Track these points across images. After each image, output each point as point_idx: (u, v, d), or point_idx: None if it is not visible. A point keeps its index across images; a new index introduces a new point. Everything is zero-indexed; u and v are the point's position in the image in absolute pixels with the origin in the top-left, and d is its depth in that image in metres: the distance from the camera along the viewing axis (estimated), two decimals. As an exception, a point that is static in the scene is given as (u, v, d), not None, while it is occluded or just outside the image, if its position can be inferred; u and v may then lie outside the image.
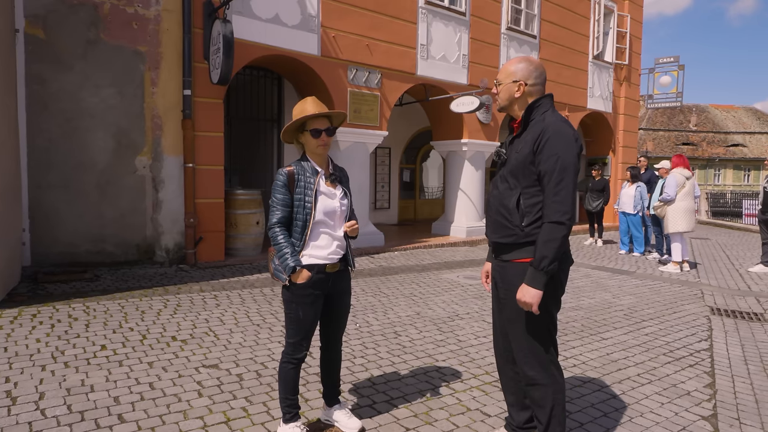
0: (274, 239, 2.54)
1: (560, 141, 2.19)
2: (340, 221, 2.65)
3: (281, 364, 2.64)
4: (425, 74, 10.10)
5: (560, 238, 2.15)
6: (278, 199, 2.55)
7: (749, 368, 3.94)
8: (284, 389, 2.63)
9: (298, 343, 2.60)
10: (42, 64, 6.35)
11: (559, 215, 2.15)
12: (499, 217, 2.37)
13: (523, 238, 2.28)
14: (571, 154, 2.19)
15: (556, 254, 2.16)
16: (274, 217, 2.54)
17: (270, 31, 7.93)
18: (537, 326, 2.33)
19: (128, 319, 4.61)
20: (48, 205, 6.45)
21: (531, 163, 2.25)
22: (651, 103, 19.22)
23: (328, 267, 2.60)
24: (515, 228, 2.30)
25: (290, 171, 2.56)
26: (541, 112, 2.31)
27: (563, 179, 2.16)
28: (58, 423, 2.75)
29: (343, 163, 9.10)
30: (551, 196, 2.18)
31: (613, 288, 6.77)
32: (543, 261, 2.16)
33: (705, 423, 3.04)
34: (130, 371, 3.48)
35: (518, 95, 2.37)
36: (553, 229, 2.16)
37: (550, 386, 2.33)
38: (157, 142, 7.09)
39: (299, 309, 2.56)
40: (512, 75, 2.37)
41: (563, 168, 2.17)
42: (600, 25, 14.06)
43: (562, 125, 2.25)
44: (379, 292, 6.08)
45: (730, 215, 20.62)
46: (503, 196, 2.36)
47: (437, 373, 3.68)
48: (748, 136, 47.52)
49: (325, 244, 2.60)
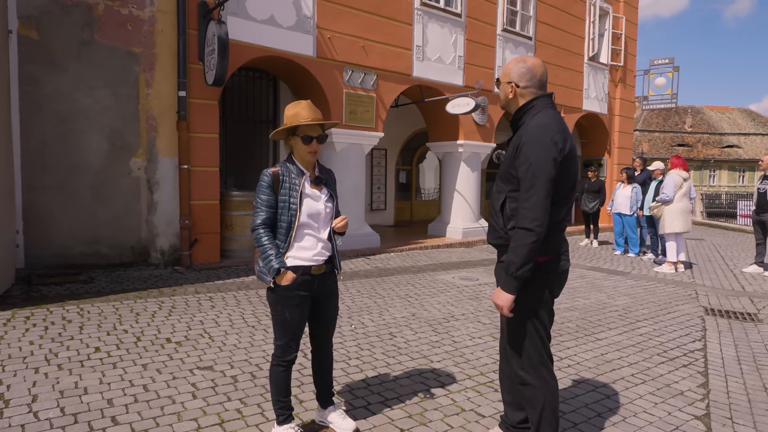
0: (258, 241, 2.52)
1: (533, 147, 2.17)
2: (325, 223, 2.64)
3: (271, 367, 2.63)
4: (421, 75, 10.11)
5: (529, 244, 2.14)
6: (262, 200, 2.54)
7: (742, 368, 3.96)
8: (276, 391, 2.63)
9: (286, 345, 2.59)
10: (36, 65, 6.33)
11: (527, 221, 2.15)
12: (491, 220, 2.44)
13: (508, 241, 2.29)
14: (543, 160, 2.14)
15: (524, 260, 2.15)
16: (258, 219, 2.53)
17: (265, 32, 7.92)
18: (527, 329, 2.35)
19: (122, 321, 4.60)
20: (42, 207, 6.43)
21: (511, 167, 2.27)
22: (646, 105, 19.30)
23: (313, 269, 2.58)
24: (501, 231, 2.34)
25: (275, 172, 2.56)
26: (531, 115, 2.30)
27: (534, 186, 2.15)
28: (51, 426, 2.74)
29: (339, 164, 9.11)
30: (522, 203, 2.19)
31: (607, 289, 6.79)
32: (511, 266, 2.18)
33: (698, 423, 3.05)
34: (124, 373, 3.47)
35: (511, 96, 2.38)
36: (523, 236, 2.16)
37: (540, 388, 2.35)
38: (152, 143, 7.08)
39: (285, 311, 2.55)
40: (507, 75, 2.39)
41: (533, 175, 2.15)
42: (595, 26, 14.11)
43: (540, 130, 2.20)
44: (374, 294, 6.08)
45: (725, 216, 20.71)
46: (494, 199, 2.41)
47: (432, 374, 3.68)
48: (742, 138, 47.74)
49: (310, 246, 2.59)
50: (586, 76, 14.13)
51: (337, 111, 8.91)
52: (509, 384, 2.59)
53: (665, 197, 7.90)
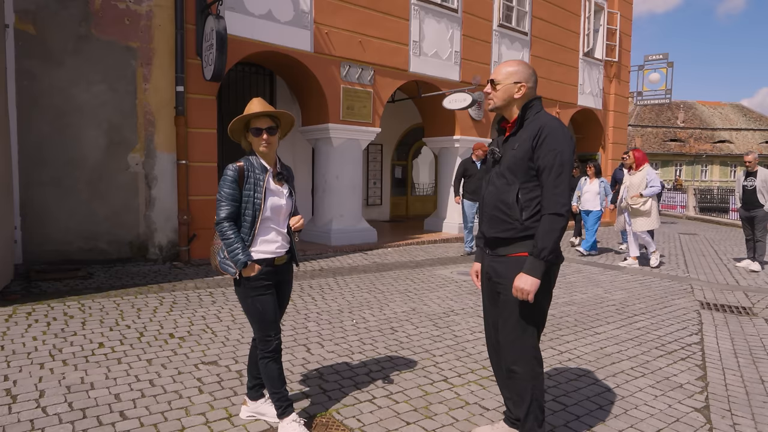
0: (223, 234, 2.57)
1: (559, 137, 2.32)
2: (285, 218, 2.73)
3: (259, 361, 2.67)
4: (418, 71, 10.12)
5: (559, 228, 2.28)
6: (227, 194, 2.57)
7: (739, 361, 4.03)
8: (270, 384, 2.66)
9: (266, 336, 2.65)
10: (32, 60, 6.28)
11: (558, 207, 2.27)
12: (497, 213, 2.43)
13: (521, 232, 2.36)
14: (568, 150, 2.32)
15: (555, 244, 2.28)
16: (223, 212, 2.57)
17: (263, 27, 7.90)
18: (528, 320, 2.41)
19: (124, 317, 4.60)
20: (40, 203, 6.40)
21: (530, 159, 2.34)
22: (640, 100, 19.40)
23: (276, 260, 2.69)
24: (515, 222, 2.37)
25: (240, 167, 2.60)
26: (534, 112, 2.43)
27: (562, 173, 2.29)
28: (60, 420, 2.75)
29: (336, 159, 9.12)
30: (551, 189, 2.29)
31: (604, 283, 6.86)
32: (543, 251, 2.27)
33: (698, 414, 3.10)
34: (130, 368, 3.48)
35: (518, 96, 2.44)
36: (553, 221, 2.28)
37: (529, 381, 2.41)
38: (150, 138, 7.05)
39: (256, 302, 2.63)
40: (513, 76, 2.44)
41: (562, 163, 2.29)
42: (590, 22, 14.16)
43: (559, 123, 2.38)
44: (374, 288, 6.11)
45: (717, 211, 20.88)
46: (501, 191, 2.42)
47: (435, 368, 3.72)
48: (734, 133, 48.09)
49: (273, 239, 2.67)
50: (581, 71, 14.19)
51: (335, 106, 8.91)
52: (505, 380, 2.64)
53: (658, 189, 7.78)
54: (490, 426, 2.78)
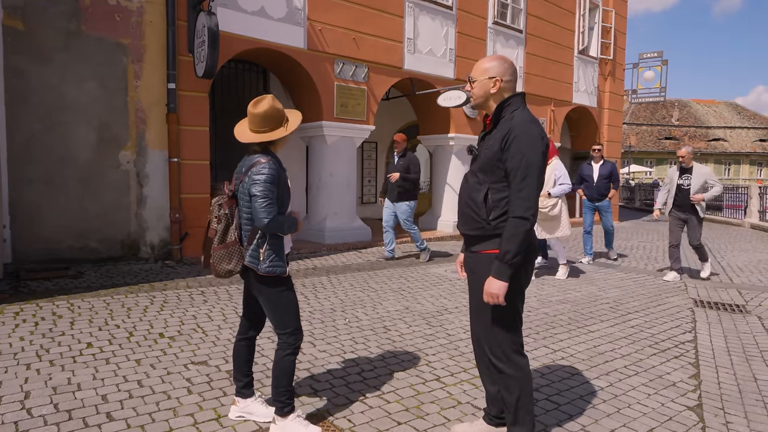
0: (278, 224, 2.51)
1: (526, 140, 2.28)
2: None
3: (284, 357, 2.63)
4: (412, 68, 10.08)
5: (524, 232, 2.25)
6: (273, 194, 2.51)
7: (732, 359, 4.02)
8: (286, 380, 2.63)
9: (298, 328, 2.68)
10: (21, 57, 6.20)
11: (522, 210, 2.25)
12: (467, 210, 2.46)
13: (490, 231, 2.37)
14: (535, 153, 2.27)
15: (519, 248, 2.25)
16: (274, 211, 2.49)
17: (255, 23, 7.84)
18: (502, 317, 2.40)
19: (114, 316, 4.55)
20: (29, 201, 6.32)
21: (498, 160, 2.34)
22: (635, 98, 19.39)
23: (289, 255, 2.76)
24: (482, 221, 2.39)
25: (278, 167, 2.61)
26: (511, 110, 2.39)
27: (527, 176, 2.25)
28: (45, 422, 2.70)
29: (330, 157, 9.08)
30: (516, 192, 2.27)
31: (598, 281, 6.85)
32: (507, 255, 2.25)
33: (690, 413, 3.09)
34: (118, 369, 3.43)
35: (494, 91, 2.43)
36: (517, 224, 2.25)
37: (514, 376, 2.40)
38: (141, 136, 6.99)
39: (290, 293, 2.68)
40: (487, 72, 2.44)
41: (528, 165, 2.26)
42: (585, 20, 14.15)
43: (529, 125, 2.32)
44: (367, 287, 6.08)
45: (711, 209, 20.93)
46: (472, 189, 2.44)
47: (427, 367, 3.69)
48: (728, 131, 48.30)
49: (289, 237, 2.73)
50: (576, 69, 14.18)
51: (329, 104, 8.86)
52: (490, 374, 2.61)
53: (568, 188, 6.49)
54: (468, 423, 2.77)
